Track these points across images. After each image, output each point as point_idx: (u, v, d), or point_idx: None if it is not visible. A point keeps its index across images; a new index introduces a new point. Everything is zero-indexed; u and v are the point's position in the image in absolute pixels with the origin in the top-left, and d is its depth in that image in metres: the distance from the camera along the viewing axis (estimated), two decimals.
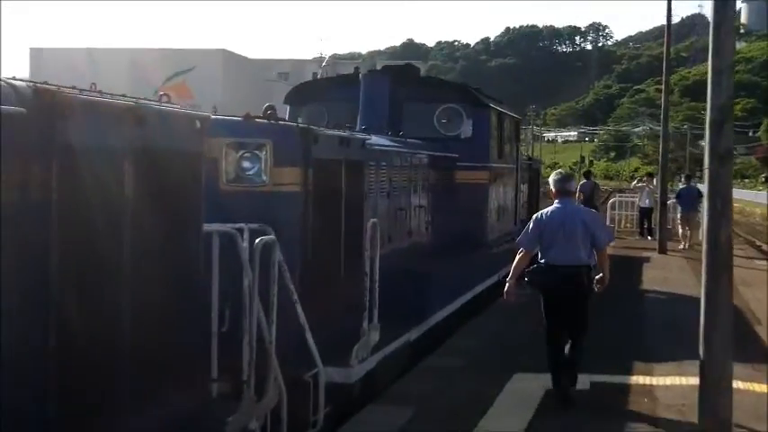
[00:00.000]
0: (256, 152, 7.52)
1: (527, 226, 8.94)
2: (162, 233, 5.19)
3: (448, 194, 13.32)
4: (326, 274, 8.05)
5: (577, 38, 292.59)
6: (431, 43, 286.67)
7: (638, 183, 31.23)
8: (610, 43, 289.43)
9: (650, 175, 30.57)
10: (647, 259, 21.94)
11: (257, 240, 6.02)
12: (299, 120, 11.66)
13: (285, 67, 75.77)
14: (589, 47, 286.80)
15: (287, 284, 6.90)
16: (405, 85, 13.90)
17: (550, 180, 9.04)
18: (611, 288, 9.00)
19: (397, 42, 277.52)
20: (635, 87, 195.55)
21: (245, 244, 6.70)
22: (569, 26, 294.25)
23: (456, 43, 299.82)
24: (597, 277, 8.62)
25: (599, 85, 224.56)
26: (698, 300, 7.70)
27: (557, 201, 8.80)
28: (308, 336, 6.99)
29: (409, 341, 9.87)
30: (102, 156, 4.60)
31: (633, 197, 31.41)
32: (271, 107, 9.75)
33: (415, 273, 10.67)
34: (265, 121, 7.63)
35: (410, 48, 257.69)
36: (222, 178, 7.50)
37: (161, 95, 5.87)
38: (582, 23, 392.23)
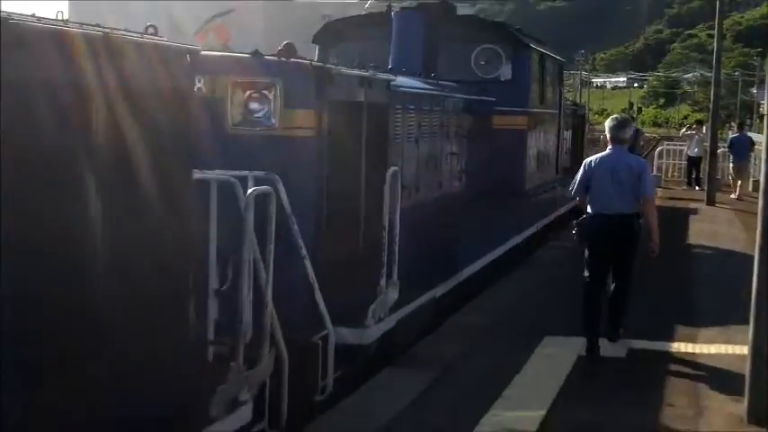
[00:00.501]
0: (265, 92, 6.86)
1: (576, 174, 8.78)
2: (142, 183, 4.57)
3: (483, 141, 12.57)
4: (344, 227, 7.41)
5: None
6: None
7: (687, 131, 29.98)
8: None
9: (700, 123, 29.43)
10: (695, 211, 21.03)
11: (250, 191, 5.38)
12: (330, 61, 11.02)
13: (329, 10, 74.57)
14: None
15: (295, 239, 6.29)
16: (440, 23, 13.11)
17: (605, 125, 8.80)
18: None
19: None
20: (686, 32, 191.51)
21: (250, 192, 6.12)
22: None
23: None
24: (650, 241, 8.44)
25: (649, 29, 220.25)
26: (749, 257, 7.05)
27: (609, 147, 8.64)
28: (318, 295, 6.38)
29: (435, 298, 9.23)
30: (64, 94, 3.99)
31: (682, 145, 30.20)
32: (289, 44, 9.08)
33: (445, 225, 10.01)
34: (275, 58, 6.94)
35: None
36: (228, 121, 6.86)
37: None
38: None
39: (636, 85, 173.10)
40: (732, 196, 23.79)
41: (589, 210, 8.46)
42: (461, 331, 9.10)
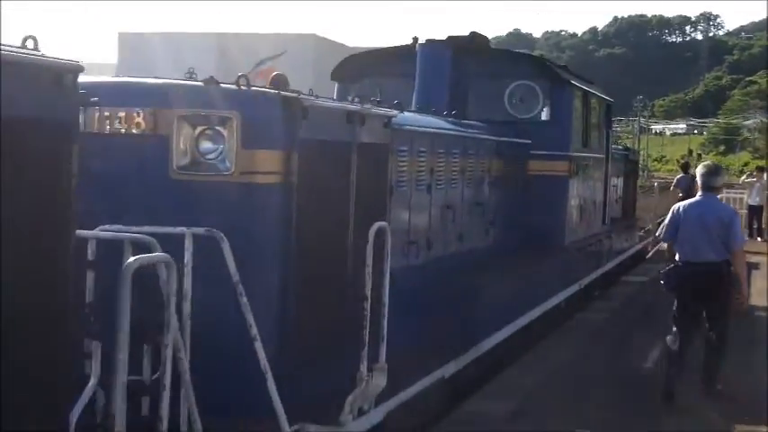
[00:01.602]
0: (218, 128, 5.48)
1: (666, 219, 8.80)
2: None
3: (517, 188, 11.13)
4: (322, 297, 5.95)
5: (687, 27, 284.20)
6: (537, 33, 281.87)
7: (747, 178, 27.97)
8: (721, 33, 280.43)
9: (761, 170, 27.50)
10: (756, 266, 19.15)
11: (129, 261, 3.95)
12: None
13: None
14: (699, 37, 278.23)
15: (244, 314, 4.88)
16: (470, 58, 11.74)
17: (697, 171, 8.76)
18: None
19: (503, 32, 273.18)
20: (747, 79, 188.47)
21: (189, 254, 4.78)
22: (679, 15, 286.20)
23: (563, 32, 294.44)
24: (737, 295, 8.22)
25: (709, 76, 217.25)
26: None
27: (699, 194, 8.59)
28: (270, 384, 4.93)
29: (444, 378, 7.71)
30: None
31: (742, 193, 28.24)
32: (279, 75, 7.74)
33: (464, 286, 8.53)
34: (233, 86, 5.55)
35: (516, 37, 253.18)
36: (173, 163, 5.49)
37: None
38: (692, 13, 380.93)
39: (695, 131, 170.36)
40: None
41: (677, 257, 8.33)
42: (477, 420, 7.54)
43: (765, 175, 25.97)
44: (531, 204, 11.32)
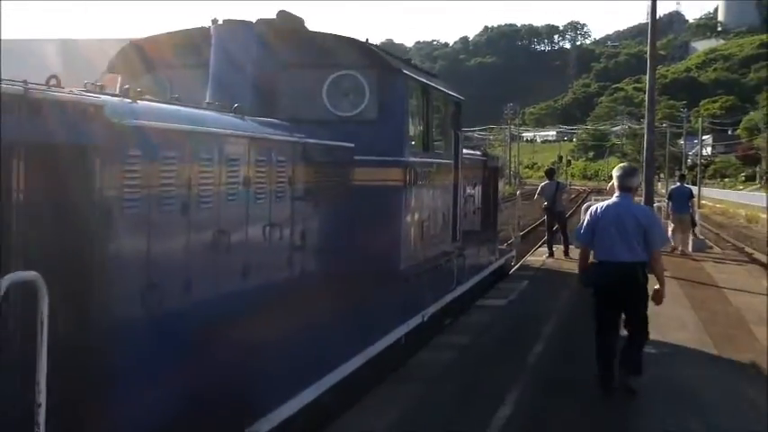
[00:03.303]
0: None
1: (582, 220, 8.93)
2: None
3: (337, 203, 8.94)
4: None
5: (556, 36, 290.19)
6: (409, 43, 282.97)
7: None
8: (588, 42, 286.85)
9: None
10: None
11: None
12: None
13: None
14: (567, 45, 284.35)
15: None
16: (281, 42, 9.52)
17: (613, 173, 8.84)
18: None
19: (376, 42, 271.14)
20: (614, 86, 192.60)
21: None
22: (548, 25, 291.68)
23: (435, 42, 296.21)
24: (654, 288, 8.41)
25: (578, 83, 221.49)
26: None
27: (615, 195, 8.61)
28: None
29: None
30: None
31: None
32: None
33: (247, 342, 6.24)
34: None
35: (389, 47, 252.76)
36: None
37: None
38: (560, 22, 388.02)
39: (565, 138, 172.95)
40: (673, 249, 21.41)
41: (593, 257, 8.53)
42: None
43: None
44: (355, 222, 9.14)
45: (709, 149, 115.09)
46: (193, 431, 5.35)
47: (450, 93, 12.56)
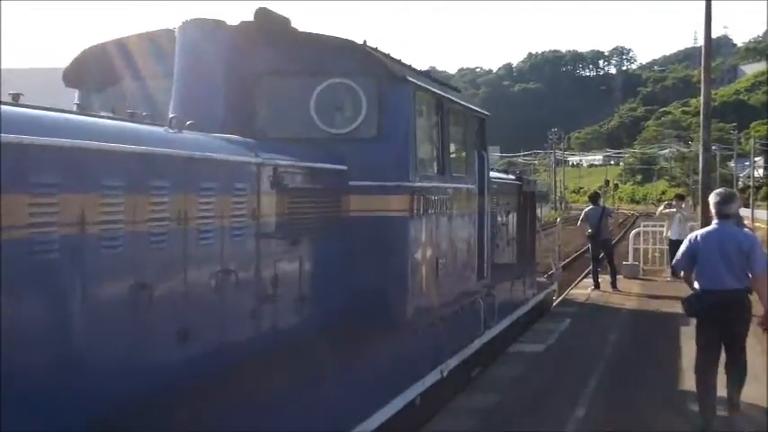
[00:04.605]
0: None
1: (681, 248, 8.54)
2: None
3: (326, 238, 7.28)
4: None
5: (601, 62, 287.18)
6: (452, 70, 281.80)
7: (665, 209, 23.69)
8: (634, 67, 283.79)
9: (681, 198, 23.73)
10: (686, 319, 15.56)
11: None
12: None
13: None
14: (613, 71, 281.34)
15: None
16: (264, 46, 7.94)
17: (710, 200, 8.53)
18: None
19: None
20: (661, 109, 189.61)
21: None
22: (592, 50, 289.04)
23: (478, 69, 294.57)
24: (763, 313, 8.08)
25: (624, 108, 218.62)
26: None
27: (714, 222, 8.37)
28: None
29: None
30: None
31: (660, 227, 24.35)
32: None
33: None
34: None
35: (432, 75, 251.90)
36: None
37: None
38: (605, 48, 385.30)
39: (612, 162, 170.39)
40: None
41: (696, 286, 8.32)
42: None
43: (684, 203, 22.65)
44: (348, 263, 7.48)
45: (761, 171, 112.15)
46: None
47: (471, 107, 10.84)
